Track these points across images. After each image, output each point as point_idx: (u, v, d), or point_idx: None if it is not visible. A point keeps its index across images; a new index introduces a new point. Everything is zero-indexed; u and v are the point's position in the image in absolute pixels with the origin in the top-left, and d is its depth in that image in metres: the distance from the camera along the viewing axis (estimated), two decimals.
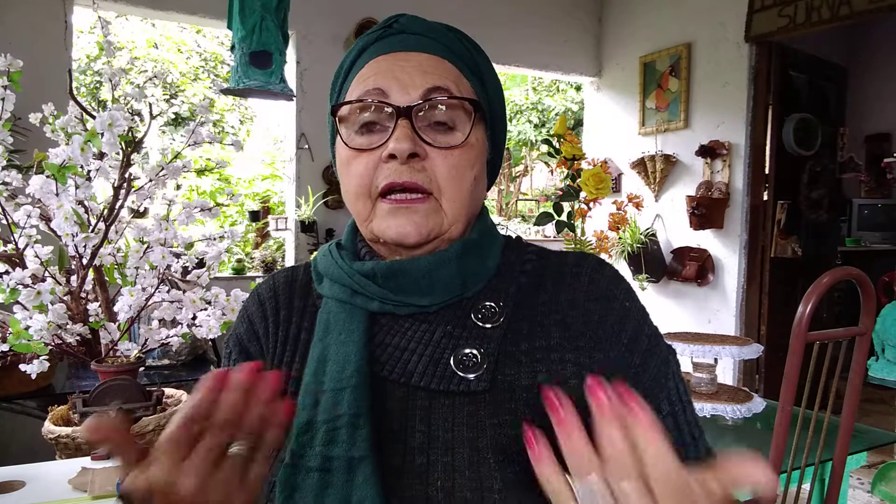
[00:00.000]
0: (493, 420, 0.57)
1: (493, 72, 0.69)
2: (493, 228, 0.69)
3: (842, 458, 1.44)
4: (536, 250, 0.70)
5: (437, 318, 0.62)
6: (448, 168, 0.61)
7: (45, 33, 2.85)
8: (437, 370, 0.59)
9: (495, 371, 0.59)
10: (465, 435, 0.56)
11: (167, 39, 7.63)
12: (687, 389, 0.66)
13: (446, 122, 0.62)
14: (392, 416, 0.59)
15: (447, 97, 0.61)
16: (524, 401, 0.58)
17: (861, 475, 2.95)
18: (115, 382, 1.27)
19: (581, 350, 0.61)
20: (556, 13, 4.24)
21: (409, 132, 0.59)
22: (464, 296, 0.63)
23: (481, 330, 0.61)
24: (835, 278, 1.36)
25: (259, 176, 6.11)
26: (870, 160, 5.18)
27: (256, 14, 2.47)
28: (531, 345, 0.61)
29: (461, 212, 0.62)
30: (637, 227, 3.88)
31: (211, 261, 1.56)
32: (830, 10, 3.11)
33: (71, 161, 1.31)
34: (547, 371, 0.60)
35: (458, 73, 0.64)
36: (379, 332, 0.63)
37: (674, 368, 0.65)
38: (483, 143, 0.65)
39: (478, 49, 0.68)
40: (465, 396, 0.58)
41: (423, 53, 0.63)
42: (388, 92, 0.61)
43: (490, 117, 0.67)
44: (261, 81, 2.50)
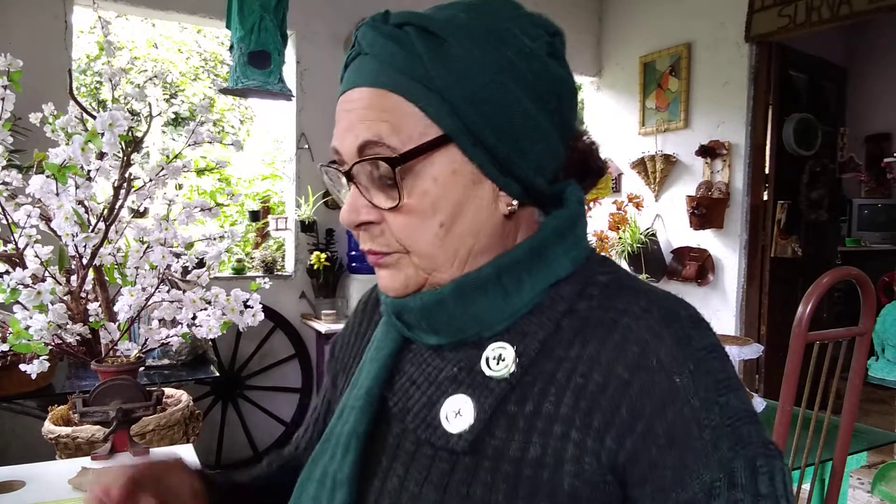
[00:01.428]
0: (463, 488, 0.51)
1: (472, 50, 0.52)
2: (537, 256, 0.56)
3: (842, 458, 1.44)
4: (607, 282, 0.56)
5: (451, 356, 0.57)
6: (400, 228, 0.54)
7: (45, 33, 2.85)
8: (428, 416, 0.55)
9: (484, 431, 0.52)
10: (430, 496, 0.52)
11: (167, 39, 7.63)
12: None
13: (389, 176, 0.53)
14: (384, 452, 0.57)
15: (372, 157, 0.53)
16: (504, 474, 0.50)
17: (861, 475, 2.95)
18: (115, 382, 1.27)
19: (591, 430, 0.49)
20: (555, 13, 4.23)
21: (355, 198, 0.55)
22: (482, 334, 0.56)
23: (485, 380, 0.54)
24: (835, 278, 1.36)
25: (259, 176, 6.11)
26: (870, 160, 5.18)
27: (255, 14, 2.47)
28: (537, 408, 0.51)
29: (436, 261, 0.55)
30: (637, 227, 3.88)
31: (211, 261, 1.56)
32: (830, 9, 3.11)
33: (71, 161, 1.31)
34: (542, 445, 0.50)
35: (399, 102, 0.52)
36: (405, 356, 0.61)
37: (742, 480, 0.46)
38: (450, 174, 0.53)
39: (444, 35, 0.52)
40: (445, 452, 0.53)
41: (365, 88, 0.54)
42: (339, 150, 0.56)
43: (466, 126, 0.52)
44: (259, 81, 2.50)
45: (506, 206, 0.56)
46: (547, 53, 0.55)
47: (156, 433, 1.42)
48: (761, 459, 0.47)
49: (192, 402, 1.56)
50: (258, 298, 1.55)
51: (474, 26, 0.53)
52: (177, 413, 1.47)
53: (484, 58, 0.52)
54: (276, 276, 3.44)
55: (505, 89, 0.52)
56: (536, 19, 0.56)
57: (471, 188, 0.54)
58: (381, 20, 0.55)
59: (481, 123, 0.52)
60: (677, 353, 0.49)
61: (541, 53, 0.55)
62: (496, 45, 0.53)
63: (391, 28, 0.54)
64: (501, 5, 0.56)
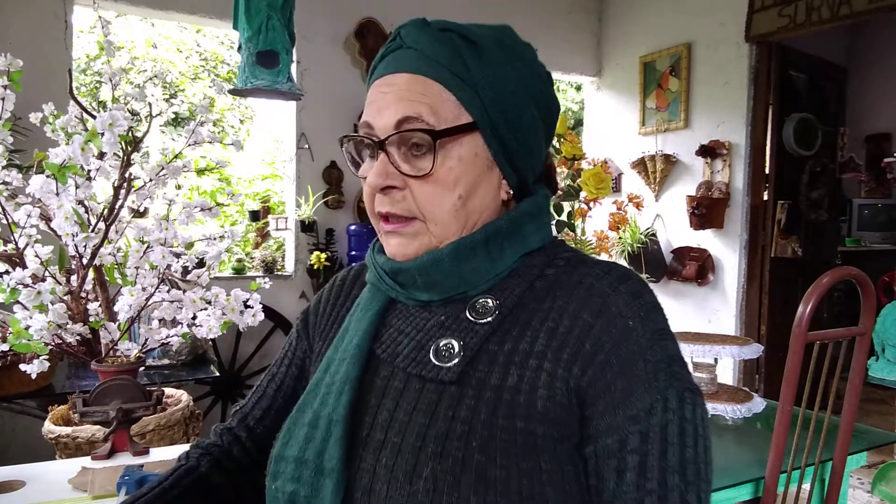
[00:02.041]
0: (449, 412, 0.59)
1: (503, 67, 0.65)
2: (517, 231, 0.67)
3: (842, 458, 1.44)
4: (569, 256, 0.68)
5: (439, 310, 0.67)
6: (424, 195, 0.64)
7: (45, 33, 2.85)
8: (418, 355, 0.64)
9: (469, 365, 0.61)
10: (419, 420, 0.60)
11: (167, 39, 7.63)
12: (692, 433, 0.58)
13: (423, 149, 0.63)
14: (371, 391, 0.65)
15: (412, 129, 0.62)
16: (486, 400, 0.59)
17: (861, 475, 2.95)
18: (115, 382, 1.27)
19: (561, 361, 0.59)
20: (556, 13, 4.24)
21: (384, 165, 0.64)
22: (467, 293, 0.66)
23: (470, 324, 0.64)
24: (835, 278, 1.36)
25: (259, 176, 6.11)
26: (870, 160, 5.18)
27: (263, 13, 2.47)
28: (514, 346, 0.62)
29: (449, 229, 0.65)
30: (637, 227, 3.88)
31: (211, 260, 1.56)
32: (830, 9, 3.11)
33: (71, 161, 1.31)
34: (519, 376, 0.60)
35: (439, 90, 0.63)
36: (391, 314, 0.70)
37: (672, 405, 0.58)
38: (473, 156, 0.64)
39: (480, 45, 0.64)
40: (434, 384, 0.61)
41: (406, 74, 0.64)
42: (373, 124, 0.65)
43: (490, 120, 0.64)
44: (268, 81, 2.50)
45: (505, 193, 0.69)
46: (547, 80, 0.70)
47: (156, 433, 1.42)
48: (687, 393, 0.60)
49: (192, 402, 1.56)
50: (258, 298, 1.55)
51: (504, 44, 0.66)
52: (177, 413, 1.47)
53: (510, 68, 0.65)
54: (276, 276, 3.43)
55: (522, 96, 0.66)
56: (535, 52, 0.71)
57: (485, 172, 0.66)
58: (425, 23, 0.67)
59: (502, 120, 0.65)
60: (631, 303, 0.61)
61: (544, 78, 0.70)
62: (517, 62, 0.66)
63: (434, 30, 0.65)
64: (516, 35, 0.70)
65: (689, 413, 0.59)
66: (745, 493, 1.35)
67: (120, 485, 1.03)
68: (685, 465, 0.57)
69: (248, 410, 0.81)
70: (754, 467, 1.37)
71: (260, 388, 0.82)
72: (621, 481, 0.57)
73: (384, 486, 0.57)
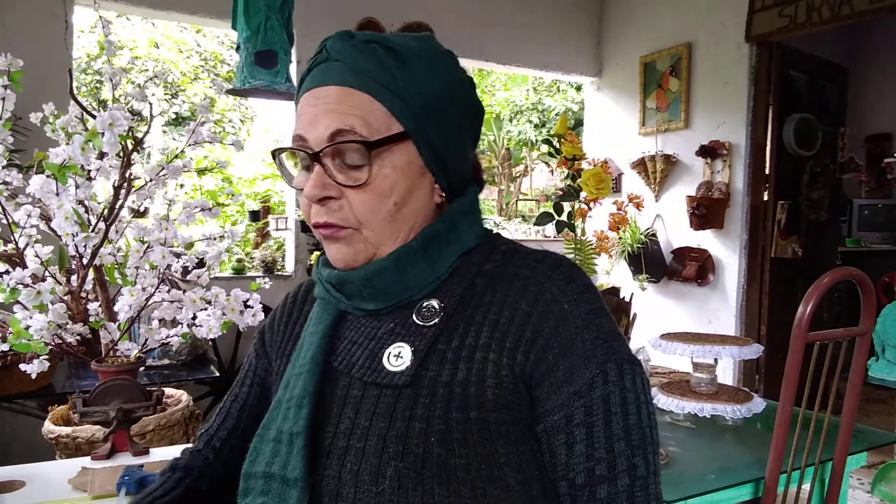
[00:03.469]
0: (406, 413, 0.61)
1: (428, 75, 0.67)
2: (453, 233, 0.70)
3: (842, 458, 1.44)
4: (505, 249, 0.71)
5: (387, 318, 0.69)
6: (360, 204, 0.65)
7: (45, 33, 2.85)
8: (373, 364, 0.66)
9: (420, 367, 0.64)
10: (379, 424, 0.62)
11: (168, 39, 7.63)
12: (633, 401, 0.62)
13: (356, 160, 0.65)
14: (332, 402, 0.67)
15: (346, 141, 0.64)
16: (440, 397, 0.62)
17: (861, 475, 2.95)
18: (115, 382, 1.27)
19: (505, 351, 0.63)
20: (556, 13, 4.24)
21: (320, 177, 0.65)
22: (412, 298, 0.68)
23: (418, 328, 0.66)
24: (835, 278, 1.35)
25: (259, 176, 6.11)
26: (870, 160, 5.18)
27: (261, 13, 2.47)
28: (461, 342, 0.64)
29: (385, 235, 0.67)
30: (637, 227, 3.88)
31: (211, 261, 1.56)
32: (831, 9, 3.11)
33: (71, 161, 1.31)
34: (468, 370, 0.62)
35: (368, 101, 0.64)
36: (343, 326, 0.72)
37: (612, 377, 0.62)
38: (406, 164, 0.66)
39: (403, 55, 0.66)
40: (389, 389, 0.64)
41: (335, 87, 0.65)
42: (306, 137, 0.66)
43: (420, 128, 0.66)
44: (266, 81, 2.50)
45: (438, 197, 0.71)
46: (469, 85, 0.72)
47: (156, 433, 1.42)
48: (626, 364, 0.63)
49: (192, 402, 1.56)
50: (258, 298, 1.55)
51: (426, 53, 0.68)
52: (177, 413, 1.47)
53: (434, 76, 0.67)
54: (276, 276, 3.44)
55: (447, 103, 0.68)
56: (455, 57, 0.72)
57: (418, 178, 0.68)
58: (349, 36, 0.67)
59: (431, 126, 0.67)
60: (564, 287, 0.65)
61: (467, 83, 0.72)
62: (441, 70, 0.68)
63: (359, 42, 0.66)
64: (439, 44, 0.71)
65: (629, 383, 0.63)
66: (745, 493, 1.35)
67: (120, 485, 1.03)
68: (629, 432, 0.61)
69: (214, 432, 0.82)
70: (754, 467, 1.37)
71: (224, 410, 0.83)
72: (571, 454, 0.61)
73: (351, 489, 0.60)
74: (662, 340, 1.79)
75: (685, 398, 1.69)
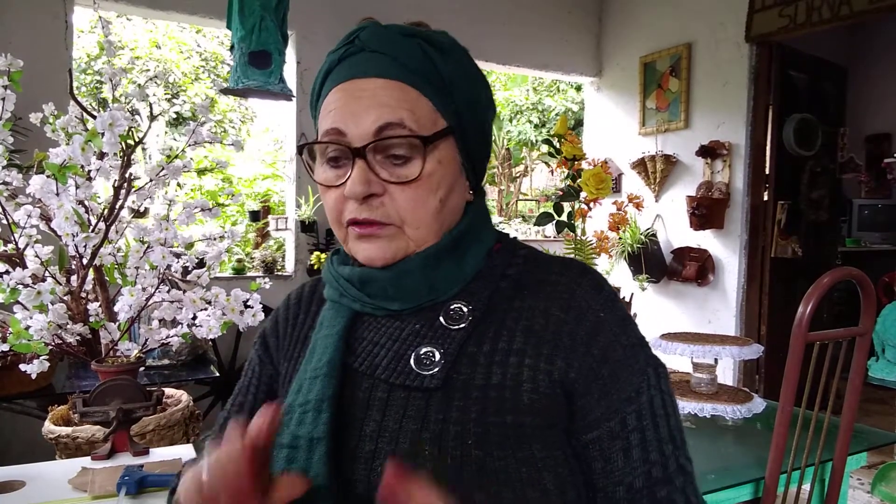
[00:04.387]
0: (439, 415, 0.60)
1: (467, 70, 0.67)
2: (477, 233, 0.69)
3: (842, 458, 1.44)
4: (526, 254, 0.71)
5: (411, 319, 0.67)
6: (407, 201, 0.63)
7: (45, 33, 2.85)
8: (399, 365, 0.64)
9: (451, 370, 0.62)
10: (410, 427, 0.60)
11: (169, 39, 7.63)
12: (670, 403, 0.65)
13: (403, 155, 0.62)
14: (355, 405, 0.65)
15: (397, 136, 0.61)
16: (474, 399, 0.61)
17: (861, 475, 2.95)
18: (115, 382, 1.27)
19: (542, 356, 0.62)
20: (556, 13, 4.24)
21: (364, 172, 0.62)
22: (437, 300, 0.66)
23: (446, 330, 0.64)
24: (835, 278, 1.35)
25: (259, 176, 6.11)
26: (870, 160, 5.17)
27: (256, 14, 2.47)
28: (493, 347, 0.63)
29: (428, 233, 0.65)
30: (637, 227, 3.88)
31: (211, 261, 1.56)
32: (831, 10, 3.11)
33: (71, 161, 1.31)
34: (502, 373, 0.62)
35: (416, 96, 0.63)
36: (360, 327, 0.69)
37: (652, 381, 0.64)
38: (450, 160, 0.65)
39: (445, 50, 0.65)
40: (419, 392, 0.62)
41: (379, 79, 0.63)
42: (345, 130, 0.63)
43: (461, 124, 0.66)
44: (260, 81, 2.50)
45: (468, 194, 0.70)
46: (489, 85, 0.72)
47: (156, 433, 1.42)
48: (661, 368, 0.65)
49: (192, 402, 1.56)
50: (258, 298, 1.55)
51: (458, 48, 0.67)
52: (177, 413, 1.47)
53: (470, 73, 0.67)
54: (276, 276, 3.43)
55: (482, 100, 0.68)
56: None
57: (457, 175, 0.67)
58: (386, 28, 0.66)
59: (471, 124, 0.67)
60: (595, 295, 0.65)
61: (488, 83, 0.71)
62: (472, 67, 0.68)
63: (400, 36, 0.64)
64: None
65: (665, 385, 0.65)
66: (745, 493, 1.35)
67: (120, 485, 1.03)
68: (673, 433, 0.63)
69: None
70: (754, 467, 1.37)
71: (222, 424, 0.79)
72: (629, 458, 0.61)
73: None
74: (662, 340, 1.79)
75: (685, 398, 1.69)
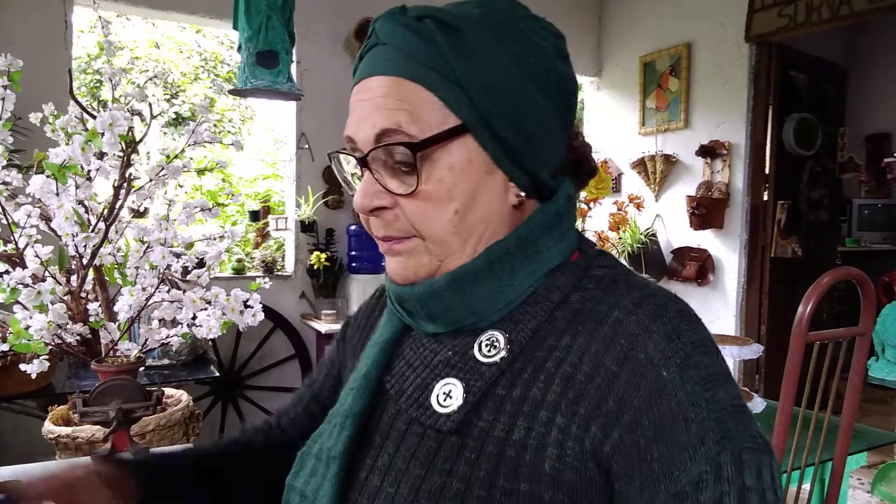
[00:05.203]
0: (447, 466, 0.53)
1: (487, 48, 0.55)
2: (532, 246, 0.58)
3: (842, 458, 1.44)
4: (601, 278, 0.58)
5: (448, 342, 0.59)
6: (416, 214, 0.56)
7: (45, 33, 2.85)
8: (421, 397, 0.58)
9: (472, 412, 0.54)
10: (415, 472, 0.54)
11: (169, 39, 7.64)
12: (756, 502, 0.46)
13: (407, 162, 0.55)
14: (377, 429, 0.61)
15: (394, 143, 0.54)
16: (487, 455, 0.52)
17: (861, 475, 2.95)
18: (115, 382, 1.27)
19: (576, 417, 0.50)
20: (556, 13, 4.24)
21: (370, 184, 0.56)
22: (477, 324, 0.58)
23: (476, 364, 0.56)
24: (835, 278, 1.36)
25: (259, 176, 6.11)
26: (870, 160, 5.18)
27: (263, 14, 2.47)
28: (524, 393, 0.53)
29: (451, 247, 0.57)
30: (637, 227, 3.88)
31: (211, 261, 1.56)
32: (830, 10, 3.11)
33: (71, 161, 1.31)
34: (527, 429, 0.52)
35: (419, 92, 0.54)
36: (405, 342, 0.64)
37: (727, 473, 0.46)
38: (466, 163, 0.55)
39: (456, 27, 0.54)
40: (434, 432, 0.55)
41: (382, 77, 0.55)
42: (354, 138, 0.57)
43: (482, 116, 0.54)
44: (268, 81, 2.50)
45: (515, 197, 0.58)
46: (555, 53, 0.58)
47: (156, 433, 1.42)
48: (747, 453, 0.48)
49: (192, 402, 1.56)
50: (258, 298, 1.55)
51: (489, 21, 0.55)
52: (177, 413, 1.47)
53: (499, 51, 0.54)
54: (276, 276, 3.44)
55: (519, 82, 0.55)
56: (542, 21, 0.59)
57: (484, 177, 0.56)
58: (400, 12, 0.57)
59: (497, 114, 0.54)
60: (665, 347, 0.50)
61: (550, 52, 0.58)
62: (509, 40, 0.55)
63: (410, 20, 0.55)
64: (510, 4, 0.58)
65: (752, 479, 0.47)
66: None
67: None
68: None
69: (285, 411, 0.82)
70: None
71: (298, 393, 0.83)
72: None
73: None
74: None
75: None
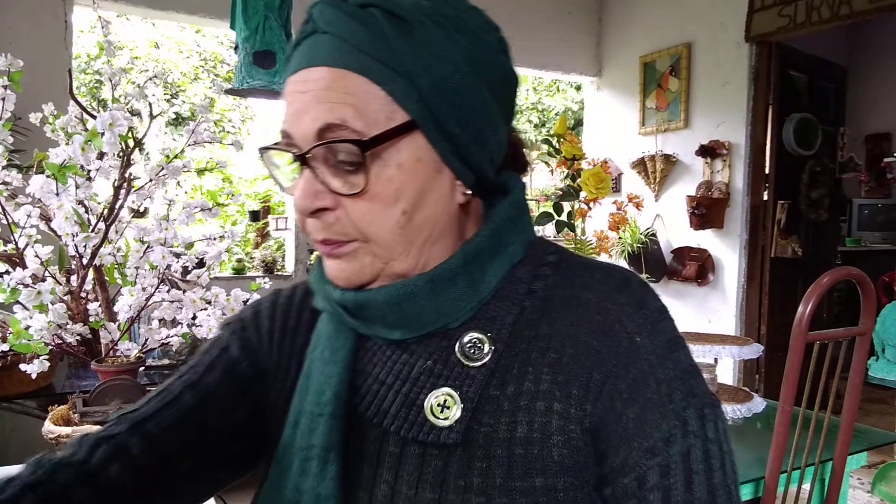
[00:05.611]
0: (460, 481, 0.50)
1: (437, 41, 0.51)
2: (495, 247, 0.56)
3: (842, 458, 1.44)
4: (555, 262, 0.58)
5: (420, 350, 0.56)
6: (360, 215, 0.52)
7: (45, 33, 2.85)
8: (410, 414, 0.53)
9: (472, 420, 0.52)
10: (427, 496, 0.51)
11: (168, 39, 7.64)
12: (717, 455, 0.51)
13: (351, 161, 0.51)
14: (364, 460, 0.55)
15: (338, 140, 0.50)
16: (498, 460, 0.50)
17: (861, 475, 2.95)
18: (115, 382, 1.27)
19: (572, 399, 0.51)
20: (556, 13, 4.24)
21: (310, 183, 0.52)
22: (448, 326, 0.55)
23: (464, 369, 0.53)
24: (835, 278, 1.36)
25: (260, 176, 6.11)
26: (870, 160, 5.18)
27: (260, 14, 2.47)
28: (518, 388, 0.52)
29: (396, 250, 0.54)
30: (637, 227, 3.88)
31: (211, 260, 1.56)
32: (830, 9, 3.11)
33: (71, 161, 1.31)
34: (529, 423, 0.51)
35: (366, 86, 0.50)
36: (364, 357, 0.58)
37: (693, 426, 0.51)
38: (415, 161, 0.52)
39: (405, 18, 0.51)
40: (436, 449, 0.52)
41: (324, 67, 0.51)
42: (291, 133, 0.53)
43: (432, 112, 0.51)
44: (265, 81, 2.50)
45: (461, 196, 0.56)
46: (498, 48, 0.56)
47: None
48: (707, 408, 0.52)
49: None
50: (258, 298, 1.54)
51: (438, 13, 0.52)
52: None
53: (449, 45, 0.52)
54: (276, 276, 3.44)
55: (468, 78, 0.52)
56: (483, 14, 0.57)
57: (433, 176, 0.54)
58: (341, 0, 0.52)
59: (447, 110, 0.52)
60: (635, 316, 0.53)
61: (495, 46, 0.56)
62: (457, 34, 0.53)
63: (353, 7, 0.51)
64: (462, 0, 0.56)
65: (712, 431, 0.51)
66: (745, 493, 1.35)
67: None
68: (714, 493, 0.50)
69: (148, 415, 0.59)
70: (754, 467, 1.37)
71: (168, 394, 0.61)
72: None
73: None
74: None
75: None
